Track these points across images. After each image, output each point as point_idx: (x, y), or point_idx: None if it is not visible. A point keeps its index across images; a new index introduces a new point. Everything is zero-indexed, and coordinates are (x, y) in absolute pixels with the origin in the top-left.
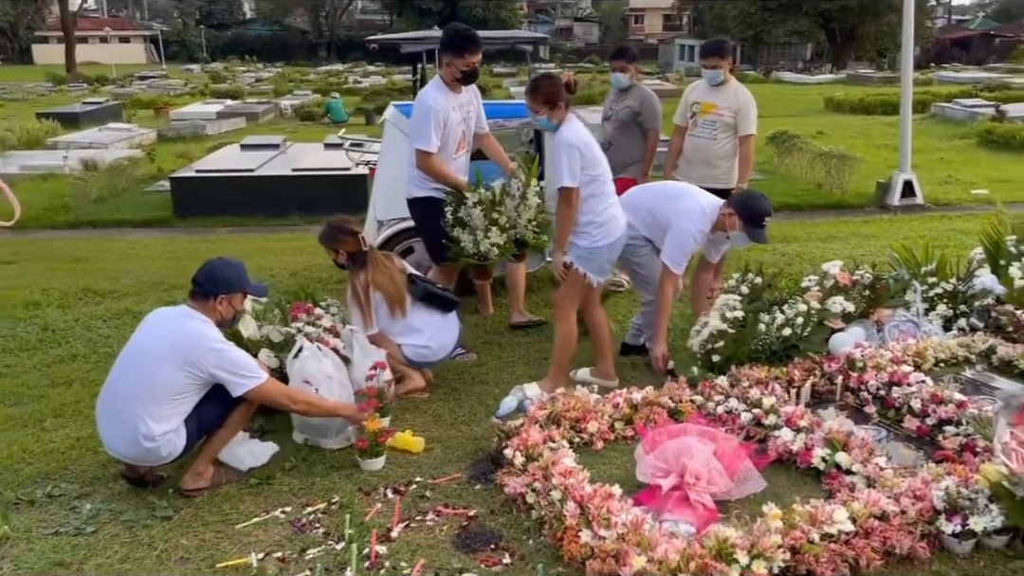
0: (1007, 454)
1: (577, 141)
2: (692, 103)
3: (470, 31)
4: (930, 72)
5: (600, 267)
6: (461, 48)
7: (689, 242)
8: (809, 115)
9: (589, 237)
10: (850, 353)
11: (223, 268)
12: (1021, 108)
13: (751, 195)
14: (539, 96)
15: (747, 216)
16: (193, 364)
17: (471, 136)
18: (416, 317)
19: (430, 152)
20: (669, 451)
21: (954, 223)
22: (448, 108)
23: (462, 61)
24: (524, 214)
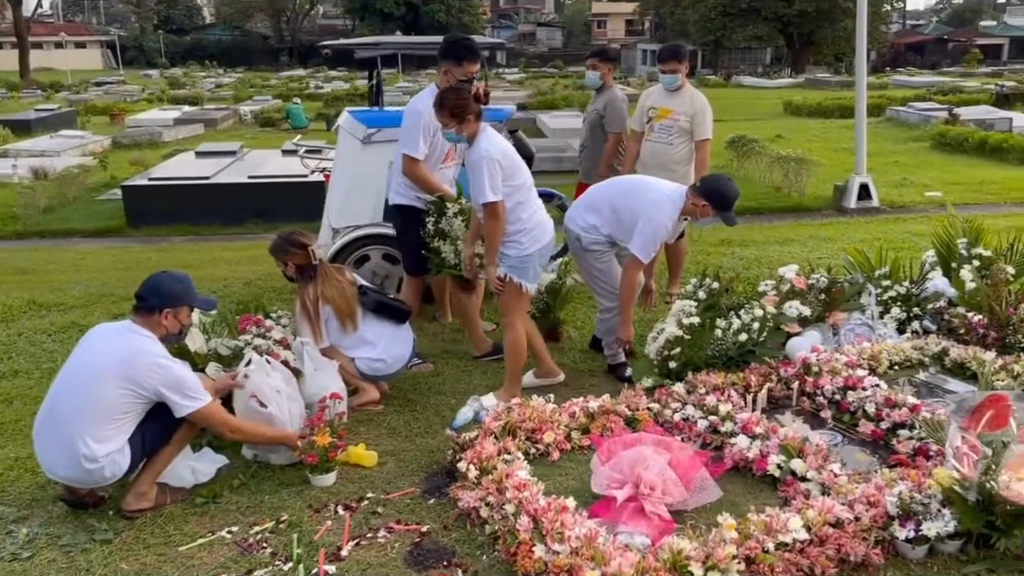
0: (959, 459)
1: (496, 153)
2: (648, 108)
3: (470, 40)
4: (885, 76)
5: (533, 274)
6: (460, 56)
7: (660, 232)
8: (768, 119)
9: (519, 246)
10: (806, 358)
11: (168, 281)
12: (973, 111)
13: (718, 181)
14: (445, 110)
15: (719, 203)
16: (136, 382)
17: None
18: (368, 329)
19: (417, 159)
20: (624, 461)
21: (908, 225)
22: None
23: (460, 70)
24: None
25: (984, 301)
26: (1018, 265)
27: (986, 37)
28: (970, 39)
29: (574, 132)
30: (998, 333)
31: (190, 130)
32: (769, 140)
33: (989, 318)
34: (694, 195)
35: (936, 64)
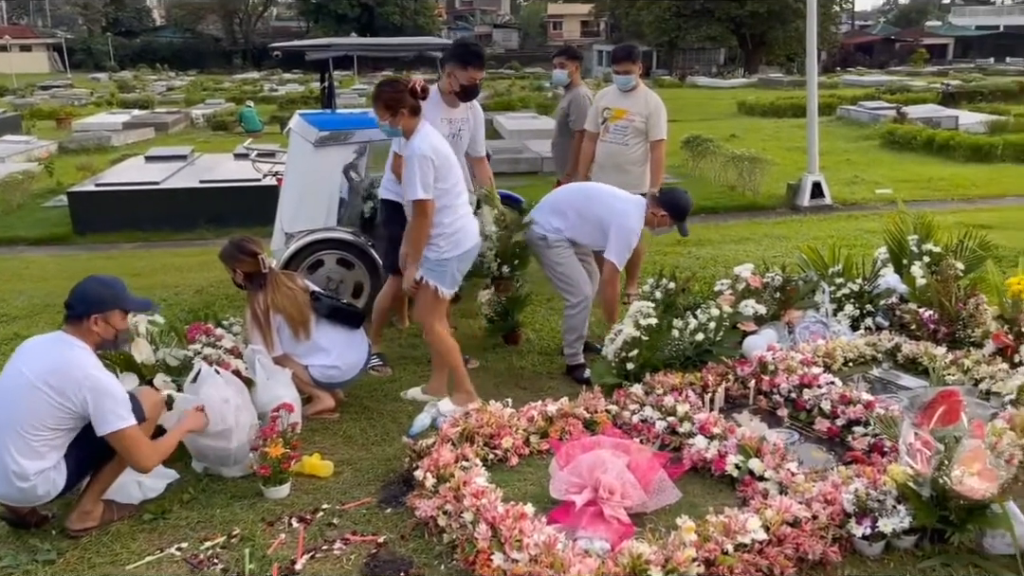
0: (912, 455)
1: (430, 152)
2: (603, 109)
3: (478, 46)
4: (836, 76)
5: (450, 279)
6: (466, 61)
7: (633, 239)
8: (722, 119)
9: (437, 249)
10: (762, 356)
11: (94, 286)
12: (921, 110)
13: (675, 192)
14: (380, 102)
15: (676, 213)
16: (64, 394)
17: (459, 153)
18: (322, 336)
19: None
20: (583, 465)
21: (860, 223)
22: (435, 119)
23: (464, 74)
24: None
25: (934, 297)
26: (967, 261)
27: (932, 37)
28: (916, 39)
29: (531, 133)
30: (948, 328)
31: (140, 134)
32: (724, 140)
33: (939, 313)
34: (653, 205)
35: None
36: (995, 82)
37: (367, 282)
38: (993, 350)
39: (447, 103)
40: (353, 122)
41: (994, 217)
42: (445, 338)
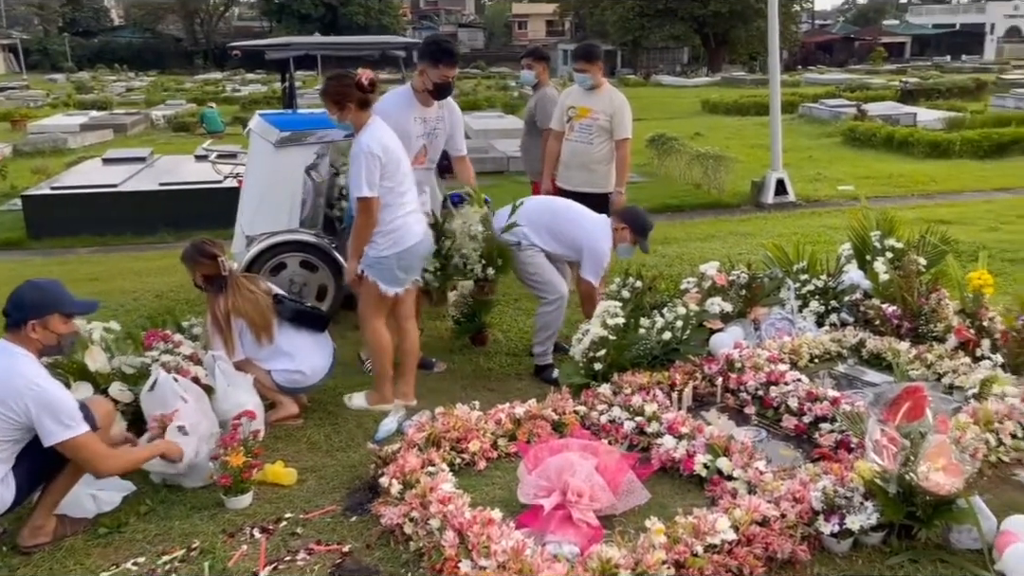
0: (878, 451)
1: (376, 148)
2: (568, 108)
3: (449, 43)
4: (797, 74)
5: (391, 276)
6: (436, 58)
7: (605, 260)
8: (687, 117)
9: (375, 246)
10: (729, 354)
11: (29, 291)
12: (880, 107)
13: (635, 210)
14: (327, 96)
15: (638, 229)
16: (6, 403)
17: (435, 153)
18: (285, 340)
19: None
20: (551, 468)
21: (824, 219)
22: (408, 118)
23: (436, 72)
24: (468, 244)
25: (897, 292)
26: (928, 256)
27: (889, 36)
28: (875, 38)
29: (497, 133)
30: (911, 323)
31: (98, 136)
32: (688, 138)
33: (902, 309)
34: (615, 221)
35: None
36: (952, 79)
37: (331, 285)
38: (955, 344)
39: (421, 102)
40: (314, 122)
41: (953, 212)
42: (381, 336)
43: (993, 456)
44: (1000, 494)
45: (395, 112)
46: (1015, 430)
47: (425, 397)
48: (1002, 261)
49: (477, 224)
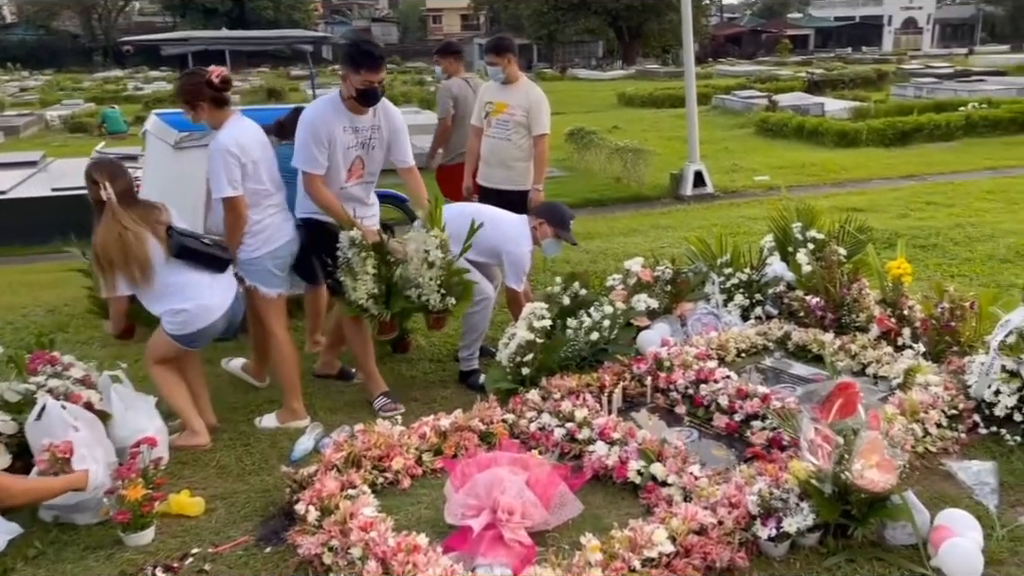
0: (813, 451)
1: (233, 147)
2: (485, 103)
3: (370, 44)
4: (709, 67)
5: (268, 277)
6: (356, 63)
7: (526, 263)
8: (604, 110)
9: (246, 248)
10: (657, 353)
11: None
12: (789, 98)
13: (550, 204)
14: (179, 95)
15: (556, 222)
16: None
17: (375, 166)
18: (173, 277)
19: (312, 173)
20: (479, 485)
21: (742, 210)
22: (335, 128)
23: (357, 77)
24: (425, 273)
25: (820, 283)
26: (848, 246)
27: (794, 28)
28: (781, 30)
29: (414, 128)
30: (834, 314)
31: None
32: (607, 131)
33: (826, 300)
34: (532, 219)
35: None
36: (855, 70)
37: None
38: (877, 334)
39: (350, 109)
40: None
41: (864, 200)
42: (284, 345)
43: (920, 447)
44: (929, 485)
45: (320, 121)
46: (940, 419)
47: (343, 411)
48: (914, 248)
49: (435, 249)
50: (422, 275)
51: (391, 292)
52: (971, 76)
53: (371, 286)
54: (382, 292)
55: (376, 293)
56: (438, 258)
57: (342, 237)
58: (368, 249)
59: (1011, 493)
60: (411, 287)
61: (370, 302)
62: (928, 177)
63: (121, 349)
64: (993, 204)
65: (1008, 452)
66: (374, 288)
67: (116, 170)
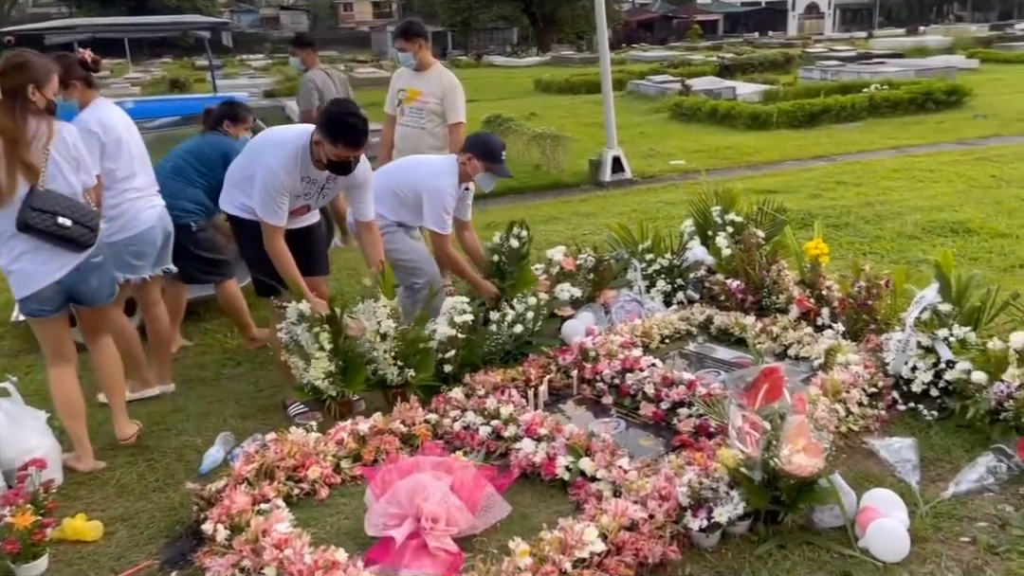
0: (741, 439)
1: (96, 127)
2: (398, 90)
3: (356, 119)
4: (623, 52)
5: (121, 263)
6: (335, 138)
7: (447, 199)
8: (521, 97)
9: (103, 232)
10: (582, 343)
11: None
12: (702, 82)
13: (480, 135)
14: None
15: (485, 154)
16: None
17: (320, 205)
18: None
19: (273, 224)
20: (401, 492)
21: (660, 195)
22: (297, 179)
23: (333, 149)
24: (379, 346)
25: (740, 266)
26: (766, 228)
27: (704, 13)
28: (690, 16)
29: None
30: (755, 296)
31: None
32: (524, 118)
33: (746, 282)
34: (461, 156)
35: (664, 40)
36: (763, 54)
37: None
38: (797, 315)
39: (314, 163)
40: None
41: (777, 182)
42: (124, 332)
43: (843, 427)
44: (853, 465)
45: (285, 173)
46: (861, 398)
47: (256, 417)
48: (828, 227)
49: (387, 320)
50: (376, 348)
51: (348, 368)
52: (872, 59)
53: (327, 364)
54: (339, 369)
55: (333, 371)
56: (390, 329)
57: (289, 311)
58: (319, 323)
59: (931, 468)
60: (366, 361)
61: (326, 382)
62: (837, 157)
63: (11, 360)
64: (899, 182)
65: (926, 427)
66: (330, 366)
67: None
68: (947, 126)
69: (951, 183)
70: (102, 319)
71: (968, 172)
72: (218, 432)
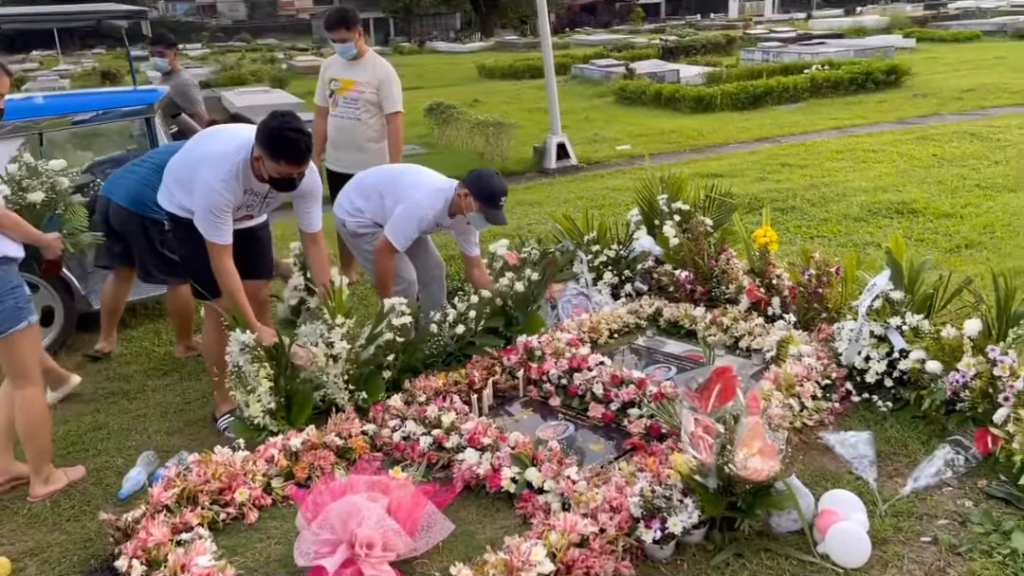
0: (695, 444)
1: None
2: (329, 80)
3: (298, 133)
4: (567, 36)
5: None
6: (276, 154)
7: (416, 216)
8: (464, 83)
9: None
10: (527, 341)
11: None
12: (646, 65)
13: (484, 173)
14: None
15: (482, 196)
16: None
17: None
18: None
19: (220, 244)
20: (334, 516)
21: (607, 181)
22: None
23: (274, 166)
24: (331, 369)
25: (688, 256)
26: (714, 216)
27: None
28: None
29: (262, 109)
30: (704, 287)
31: None
32: (467, 105)
33: (694, 273)
34: (460, 185)
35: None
36: (705, 36)
37: (59, 306)
38: (747, 305)
39: (256, 176)
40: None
41: (723, 165)
42: None
43: (798, 421)
44: (809, 462)
45: (228, 190)
46: (815, 391)
47: (183, 433)
48: (774, 211)
49: (340, 341)
50: (327, 373)
51: (292, 405)
52: (812, 39)
53: (267, 400)
54: (281, 406)
55: (274, 408)
56: (342, 351)
57: (232, 340)
58: (263, 359)
59: (888, 463)
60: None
61: (267, 418)
62: (781, 139)
63: None
64: (842, 163)
65: (882, 419)
66: (271, 403)
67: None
68: (887, 106)
69: (894, 163)
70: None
71: (910, 151)
72: (140, 451)
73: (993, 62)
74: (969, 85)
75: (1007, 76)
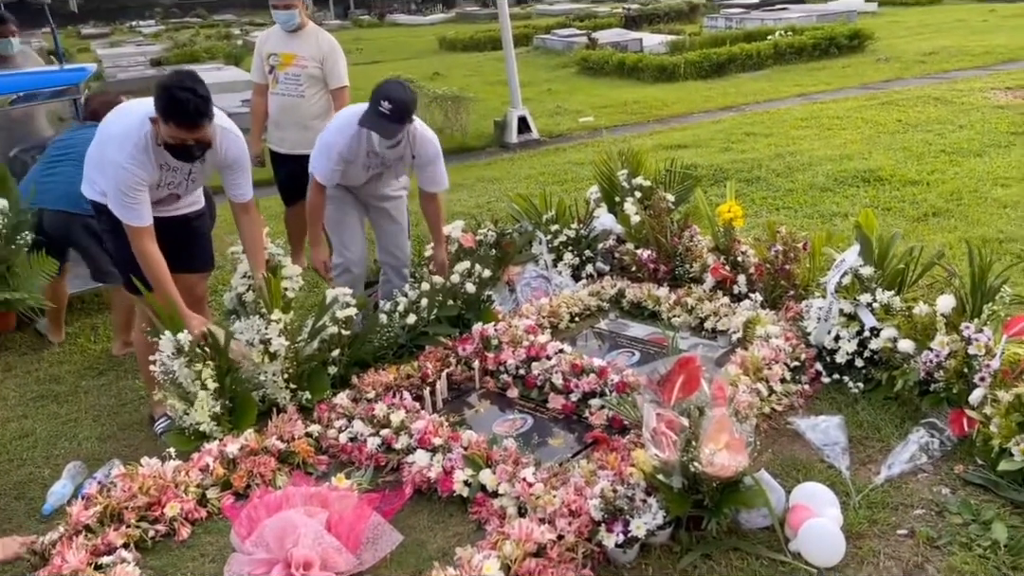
0: (657, 442)
1: None
2: (268, 55)
3: (188, 93)
4: (529, 7)
5: None
6: (165, 114)
7: (325, 141)
8: (425, 56)
9: None
10: (484, 330)
11: None
12: (608, 35)
13: (387, 81)
14: None
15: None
16: None
17: (190, 193)
18: None
19: (137, 227)
20: (268, 533)
21: (569, 155)
22: (145, 166)
23: (165, 129)
24: (269, 367)
25: (650, 234)
26: (676, 192)
27: None
28: None
29: (218, 87)
30: (667, 266)
31: None
32: (427, 79)
33: (657, 251)
34: None
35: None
36: (668, 3)
37: None
38: (712, 284)
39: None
40: None
41: (687, 136)
42: None
43: (767, 407)
44: (779, 450)
45: (131, 165)
46: (783, 374)
47: (116, 439)
48: (739, 182)
49: (277, 337)
50: (264, 371)
51: (237, 405)
52: (775, 5)
53: (212, 404)
54: (226, 409)
55: (219, 412)
56: (280, 347)
57: (162, 344)
58: (201, 360)
59: (861, 449)
60: (253, 389)
61: (212, 424)
62: (745, 107)
63: None
64: (807, 131)
65: (853, 402)
66: (216, 406)
67: None
68: (851, 71)
69: (859, 130)
70: None
71: (875, 117)
72: (71, 458)
73: (954, 24)
74: (931, 48)
75: (968, 39)
